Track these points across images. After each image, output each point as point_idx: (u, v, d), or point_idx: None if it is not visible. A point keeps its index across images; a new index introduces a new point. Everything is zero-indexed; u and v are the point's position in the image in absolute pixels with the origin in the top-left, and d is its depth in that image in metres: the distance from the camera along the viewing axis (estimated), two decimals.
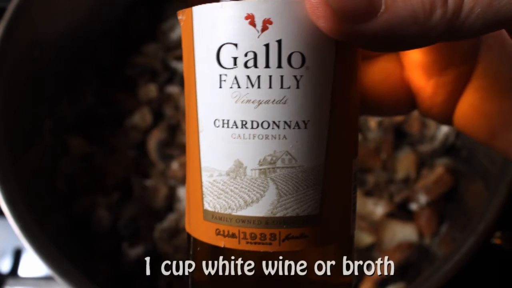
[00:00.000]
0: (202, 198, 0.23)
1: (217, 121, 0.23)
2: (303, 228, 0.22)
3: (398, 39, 0.20)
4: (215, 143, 0.23)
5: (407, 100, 0.31)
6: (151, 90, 0.68)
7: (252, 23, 0.21)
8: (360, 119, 0.42)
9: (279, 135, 0.22)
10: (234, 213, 0.22)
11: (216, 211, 0.23)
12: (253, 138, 0.22)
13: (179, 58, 0.69)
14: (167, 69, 0.70)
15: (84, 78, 0.68)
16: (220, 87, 0.22)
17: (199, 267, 0.25)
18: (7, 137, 0.52)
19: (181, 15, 0.24)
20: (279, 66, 0.21)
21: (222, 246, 0.23)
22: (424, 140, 0.63)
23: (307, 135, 0.22)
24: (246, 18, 0.21)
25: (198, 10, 0.22)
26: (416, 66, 0.29)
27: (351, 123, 0.24)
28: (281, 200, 0.22)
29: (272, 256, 0.23)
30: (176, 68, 0.69)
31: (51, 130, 0.62)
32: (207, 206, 0.23)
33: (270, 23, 0.21)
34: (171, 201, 0.63)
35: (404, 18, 0.19)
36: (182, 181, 0.62)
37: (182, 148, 0.64)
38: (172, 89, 0.69)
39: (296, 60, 0.21)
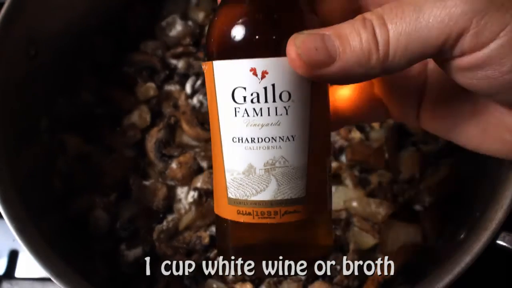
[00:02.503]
0: (227, 190, 0.34)
1: (234, 139, 0.33)
2: (296, 206, 0.33)
3: (349, 78, 0.30)
4: (234, 153, 0.33)
5: (381, 109, 0.40)
6: (150, 88, 0.67)
7: (255, 74, 0.31)
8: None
9: (276, 146, 0.32)
10: (249, 199, 0.33)
11: (237, 198, 0.34)
12: (259, 149, 0.32)
13: (178, 56, 0.69)
14: (166, 67, 0.69)
15: (82, 76, 0.67)
16: (235, 116, 0.32)
17: (224, 238, 0.36)
18: (2, 136, 0.51)
19: (204, 66, 0.34)
20: (274, 101, 0.32)
21: (242, 221, 0.34)
22: (429, 140, 0.62)
23: (295, 145, 0.33)
24: (251, 70, 0.31)
25: (217, 64, 0.33)
26: (381, 83, 0.39)
27: (325, 134, 0.35)
28: (280, 188, 0.33)
29: (276, 226, 0.33)
30: (175, 66, 0.69)
31: (47, 129, 0.61)
32: (230, 195, 0.34)
33: (267, 73, 0.31)
34: (171, 201, 0.62)
35: (352, 63, 0.29)
36: (182, 181, 0.62)
37: (182, 148, 0.64)
38: (171, 87, 0.68)
39: (285, 96, 0.32)
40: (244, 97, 0.32)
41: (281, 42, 0.31)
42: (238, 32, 0.31)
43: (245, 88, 0.31)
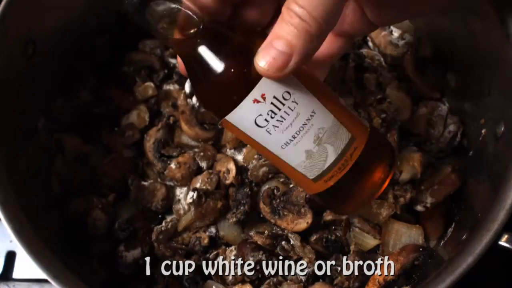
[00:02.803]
0: (306, 176, 0.43)
1: (283, 146, 0.42)
2: (353, 145, 0.43)
3: (313, 53, 0.37)
4: (290, 153, 0.42)
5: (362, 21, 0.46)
6: (149, 88, 0.67)
7: (258, 101, 0.39)
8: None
9: (310, 125, 0.41)
10: (324, 168, 0.42)
11: (316, 175, 0.43)
12: (303, 137, 0.41)
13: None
14: (165, 66, 0.69)
15: (80, 75, 0.67)
16: (270, 134, 0.41)
17: (330, 201, 0.48)
18: (0, 136, 0.51)
19: (220, 124, 0.43)
20: (283, 104, 0.40)
21: (332, 184, 0.43)
22: (431, 140, 0.62)
23: (318, 115, 0.41)
24: (254, 101, 0.39)
25: (230, 117, 0.41)
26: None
27: (327, 91, 0.44)
28: (335, 145, 0.42)
29: (354, 166, 0.43)
30: (174, 65, 0.69)
31: (45, 129, 0.61)
32: (311, 177, 0.43)
33: (264, 93, 0.39)
34: (169, 202, 0.62)
35: (303, 46, 0.35)
36: (181, 181, 0.62)
37: (181, 148, 0.64)
38: (170, 86, 0.68)
39: (286, 95, 0.40)
40: (266, 119, 0.40)
41: (254, 70, 0.38)
42: (227, 91, 0.40)
43: (261, 114, 0.40)
